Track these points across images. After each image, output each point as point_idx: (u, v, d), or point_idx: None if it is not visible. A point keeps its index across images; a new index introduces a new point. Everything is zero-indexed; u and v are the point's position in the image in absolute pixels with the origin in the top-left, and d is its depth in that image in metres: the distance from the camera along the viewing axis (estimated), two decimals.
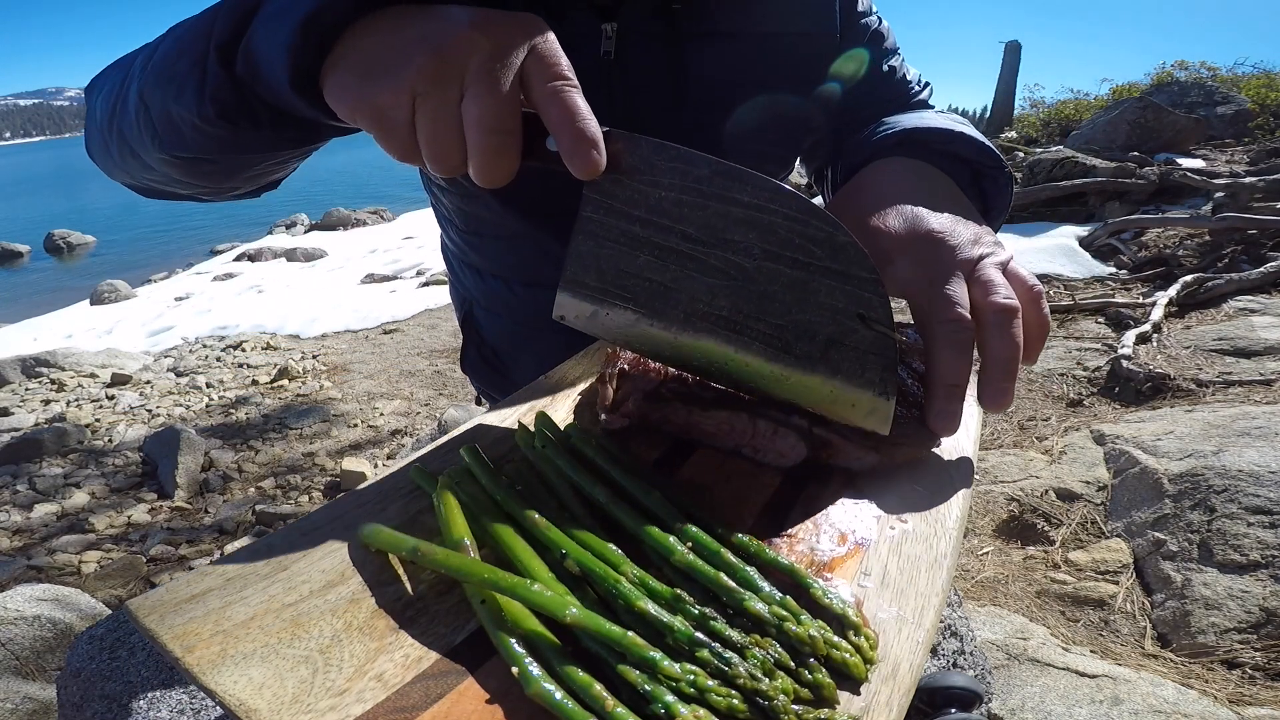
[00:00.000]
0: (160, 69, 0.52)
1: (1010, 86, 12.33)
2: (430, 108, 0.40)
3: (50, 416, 3.65)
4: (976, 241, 0.51)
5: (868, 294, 0.44)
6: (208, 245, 10.13)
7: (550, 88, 0.41)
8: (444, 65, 0.40)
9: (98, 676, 0.94)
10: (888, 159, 0.62)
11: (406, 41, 0.41)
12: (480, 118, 0.40)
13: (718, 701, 0.30)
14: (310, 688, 0.31)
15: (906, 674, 0.33)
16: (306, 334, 5.04)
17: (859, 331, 0.44)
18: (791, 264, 0.44)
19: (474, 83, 0.40)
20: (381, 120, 0.42)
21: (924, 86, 0.84)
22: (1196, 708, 1.37)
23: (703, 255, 0.45)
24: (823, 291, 0.44)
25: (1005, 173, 0.64)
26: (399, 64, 0.40)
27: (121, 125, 0.57)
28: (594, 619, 0.32)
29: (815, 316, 0.45)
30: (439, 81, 0.40)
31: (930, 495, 0.46)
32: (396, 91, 0.40)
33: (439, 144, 0.41)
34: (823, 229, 0.43)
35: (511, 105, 0.40)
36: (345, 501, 0.44)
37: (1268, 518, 1.74)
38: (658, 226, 0.45)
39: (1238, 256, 3.91)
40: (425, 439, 3.08)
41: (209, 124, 0.49)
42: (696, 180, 0.44)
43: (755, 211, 0.44)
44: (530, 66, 0.41)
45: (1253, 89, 7.63)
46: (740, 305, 0.45)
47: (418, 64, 0.40)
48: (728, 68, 0.72)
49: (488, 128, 0.40)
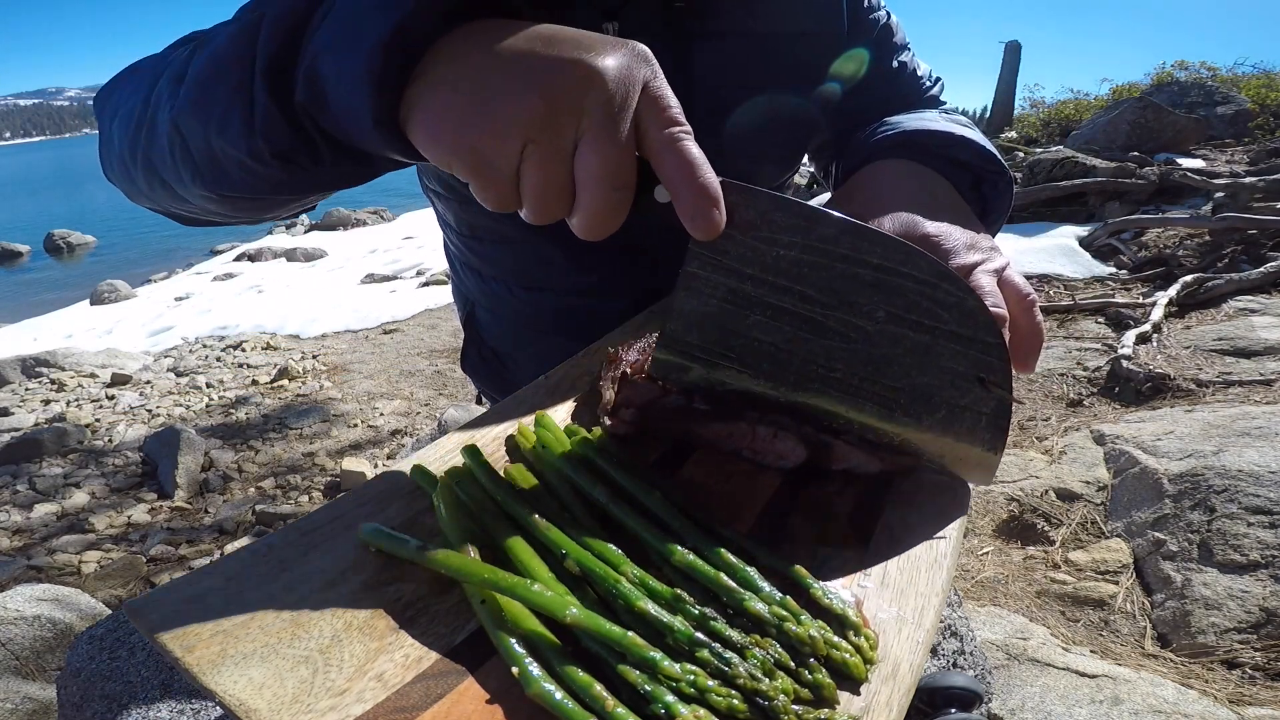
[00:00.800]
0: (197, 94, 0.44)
1: (1010, 86, 12.33)
2: (541, 157, 0.35)
3: (50, 416, 3.65)
4: (972, 246, 0.51)
5: (991, 358, 0.43)
6: (208, 245, 10.13)
7: (667, 135, 0.36)
8: (559, 107, 0.34)
9: (98, 676, 0.94)
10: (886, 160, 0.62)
11: (512, 73, 0.35)
12: (598, 173, 0.35)
13: (718, 702, 0.30)
14: (310, 688, 0.31)
15: (906, 674, 0.33)
16: (306, 334, 5.04)
17: (976, 393, 0.44)
18: (916, 328, 0.43)
19: (591, 130, 0.34)
20: (483, 168, 0.35)
21: (935, 82, 0.82)
22: (1196, 708, 1.37)
23: (821, 317, 0.43)
24: (946, 355, 0.43)
25: (1005, 178, 0.63)
26: (505, 102, 0.34)
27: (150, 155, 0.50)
28: (594, 619, 0.32)
29: (934, 380, 0.44)
30: (553, 127, 0.34)
31: (930, 494, 0.46)
32: (503, 137, 0.34)
33: (548, 198, 0.36)
34: (953, 294, 0.42)
35: (630, 157, 0.36)
36: (345, 501, 0.44)
37: (1268, 518, 1.74)
38: (773, 286, 0.43)
39: (1238, 256, 3.90)
40: (425, 439, 3.08)
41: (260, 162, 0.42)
42: (821, 239, 0.42)
43: (884, 274, 0.42)
44: (644, 109, 0.36)
45: (1253, 89, 7.62)
46: (857, 368, 0.44)
47: (529, 104, 0.34)
48: (733, 67, 0.71)
49: (607, 184, 0.35)
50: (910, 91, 0.80)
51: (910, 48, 0.81)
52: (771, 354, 0.44)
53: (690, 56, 0.69)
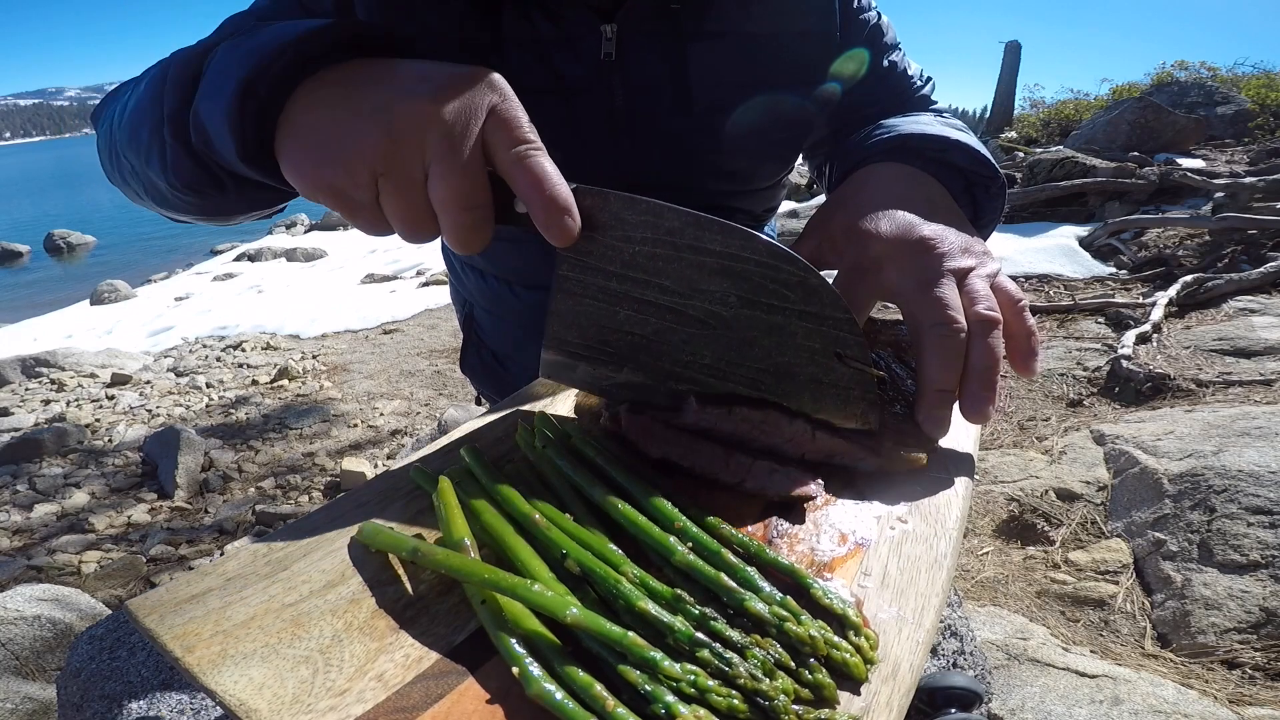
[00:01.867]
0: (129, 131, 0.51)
1: (1010, 86, 12.33)
2: (394, 188, 0.38)
3: (50, 416, 3.65)
4: (966, 250, 0.51)
5: (843, 333, 0.44)
6: (208, 245, 10.13)
7: (514, 154, 0.39)
8: (400, 145, 0.37)
9: (98, 676, 0.94)
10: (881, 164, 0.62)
11: (356, 117, 0.38)
12: (447, 198, 0.38)
13: (718, 702, 0.30)
14: (310, 688, 0.31)
15: (906, 674, 0.33)
16: (306, 334, 5.04)
17: (838, 370, 0.45)
18: (768, 309, 0.44)
19: (436, 161, 0.38)
20: (344, 202, 0.40)
21: (926, 82, 0.83)
22: (1196, 708, 1.37)
23: (681, 306, 0.45)
24: (800, 334, 0.45)
25: (999, 182, 0.64)
26: (351, 144, 0.38)
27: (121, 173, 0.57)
28: (594, 619, 0.32)
29: (795, 359, 0.45)
30: (398, 161, 0.38)
31: (930, 495, 0.46)
32: (354, 173, 0.38)
33: (409, 224, 0.40)
34: (795, 273, 0.43)
35: (477, 179, 0.39)
36: (345, 501, 0.44)
37: (1268, 518, 1.74)
38: (634, 281, 0.45)
39: (1238, 256, 3.90)
40: (425, 439, 3.07)
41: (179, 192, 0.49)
42: (668, 232, 0.44)
43: (728, 260, 0.44)
44: (491, 132, 0.39)
45: (1253, 89, 7.62)
46: (723, 353, 0.46)
47: (370, 144, 0.37)
48: (730, 68, 0.71)
49: (457, 207, 0.38)
50: (901, 91, 0.81)
51: (901, 47, 0.82)
52: (645, 346, 0.47)
53: (686, 57, 0.70)
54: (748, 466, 0.45)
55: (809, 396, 0.46)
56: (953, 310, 0.47)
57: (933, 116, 0.74)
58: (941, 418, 0.47)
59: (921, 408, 0.47)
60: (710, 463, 0.46)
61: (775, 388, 0.46)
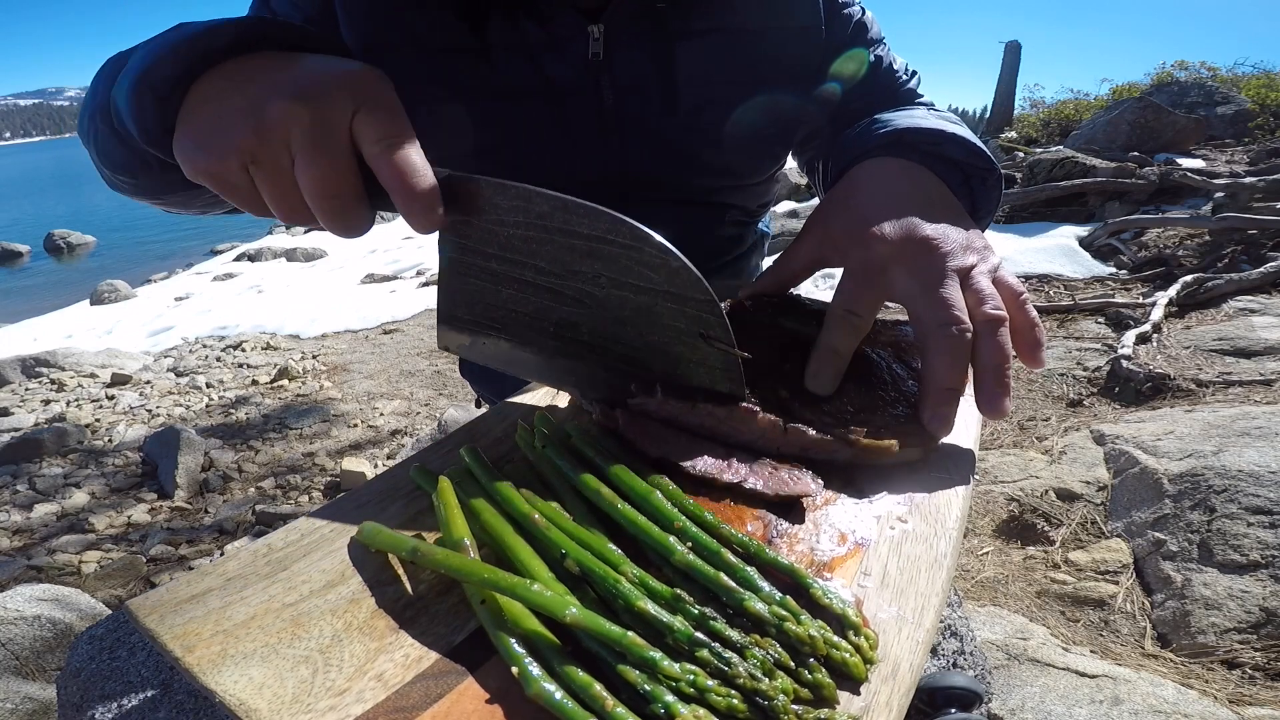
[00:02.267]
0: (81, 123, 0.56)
1: (1010, 86, 12.33)
2: (264, 176, 0.42)
3: (50, 416, 3.65)
4: (968, 248, 0.51)
5: (706, 315, 0.45)
6: (208, 245, 10.13)
7: (376, 149, 0.41)
8: (266, 137, 0.41)
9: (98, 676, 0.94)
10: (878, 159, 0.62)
11: (232, 112, 0.42)
12: (311, 186, 0.41)
13: (717, 701, 0.30)
14: (310, 687, 0.31)
15: (906, 674, 0.33)
16: (306, 334, 5.04)
17: (704, 349, 0.46)
18: (635, 290, 0.45)
19: (299, 152, 0.41)
20: (223, 186, 0.44)
21: (911, 75, 0.83)
22: (1196, 708, 1.37)
23: (558, 286, 0.47)
24: (667, 314, 0.46)
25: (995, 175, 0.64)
26: (224, 136, 0.42)
27: None
28: (594, 619, 0.32)
29: (664, 337, 0.46)
30: (266, 152, 0.41)
31: (930, 495, 0.46)
32: (225, 161, 0.42)
33: (283, 207, 0.43)
34: (657, 256, 0.44)
35: (340, 169, 0.41)
36: (345, 501, 0.44)
37: (1268, 518, 1.74)
38: (513, 262, 0.47)
39: (1238, 256, 3.90)
40: (425, 439, 3.07)
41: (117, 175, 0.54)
42: (538, 216, 0.45)
43: (595, 243, 0.45)
44: (359, 125, 0.42)
45: (1253, 89, 7.62)
46: (599, 330, 0.47)
47: (240, 137, 0.41)
48: (716, 65, 0.72)
49: (319, 194, 0.41)
50: (887, 85, 0.80)
51: (885, 42, 0.82)
52: (529, 323, 0.49)
53: (674, 55, 0.71)
54: (748, 466, 0.45)
55: (680, 374, 0.47)
56: (958, 310, 0.47)
57: (926, 110, 0.74)
58: (947, 416, 0.47)
59: (927, 406, 0.47)
60: (709, 462, 0.46)
61: (651, 365, 0.47)
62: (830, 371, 0.50)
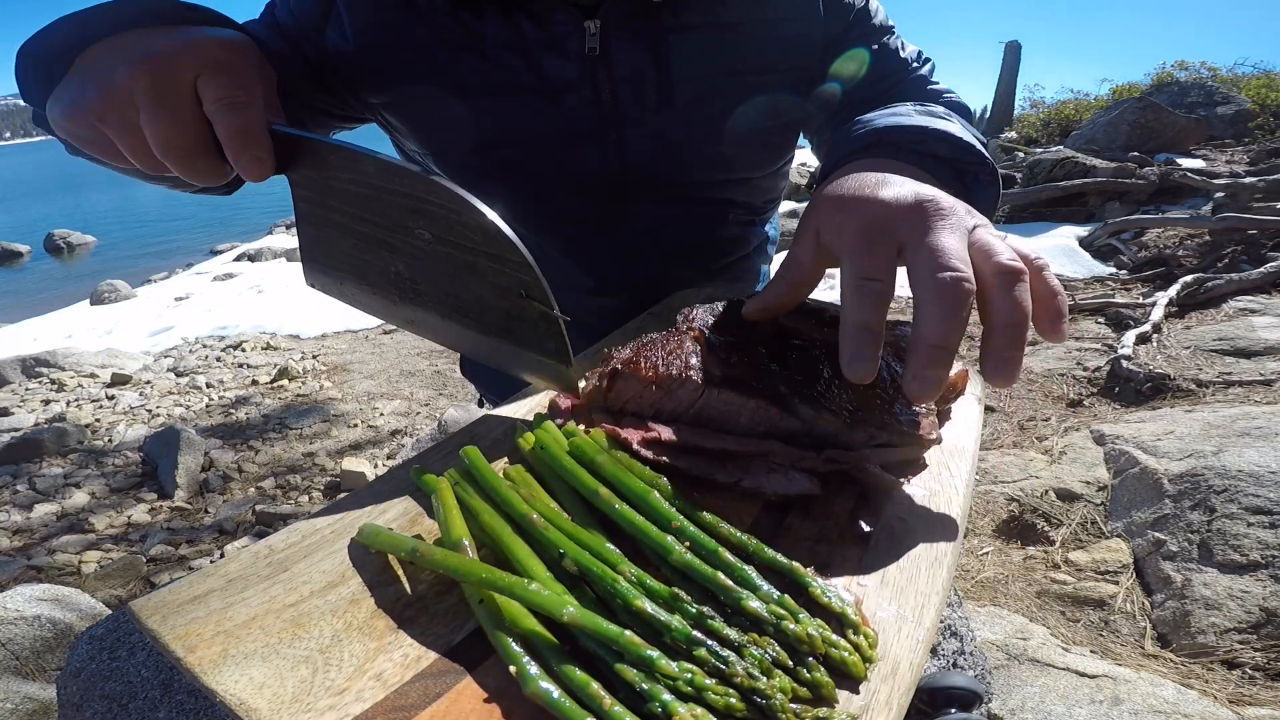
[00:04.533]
0: None
1: (1010, 86, 12.33)
2: (113, 132, 0.47)
3: (50, 416, 3.65)
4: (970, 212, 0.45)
5: (524, 276, 0.47)
6: (208, 245, 10.12)
7: (212, 108, 0.46)
8: (111, 98, 0.46)
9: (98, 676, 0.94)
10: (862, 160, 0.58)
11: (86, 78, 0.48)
12: (153, 139, 0.46)
13: (715, 700, 0.30)
14: (310, 687, 0.31)
15: (906, 673, 0.33)
16: (306, 334, 5.04)
17: (524, 305, 0.49)
18: (457, 248, 0.48)
19: (141, 109, 0.45)
20: (83, 141, 0.49)
21: (924, 62, 0.79)
22: (1196, 708, 1.37)
23: (390, 239, 0.50)
24: (489, 273, 0.48)
25: (988, 169, 0.60)
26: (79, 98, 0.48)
27: None
28: (591, 618, 0.32)
29: (488, 293, 0.49)
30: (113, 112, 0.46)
31: (930, 494, 0.46)
32: (78, 120, 0.48)
33: (137, 157, 0.48)
34: (473, 217, 0.46)
35: (179, 125, 0.46)
36: (345, 502, 0.44)
37: (1268, 518, 1.74)
38: (350, 214, 0.51)
39: (1238, 256, 3.91)
40: (425, 439, 3.07)
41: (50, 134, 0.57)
42: (365, 175, 0.48)
43: (417, 202, 0.47)
44: (201, 88, 0.46)
45: (1253, 89, 7.62)
46: (432, 282, 0.51)
47: (89, 98, 0.47)
48: (714, 58, 0.72)
49: (162, 146, 0.46)
50: (894, 73, 0.77)
51: (894, 30, 0.79)
52: (377, 270, 0.52)
53: (669, 49, 0.71)
54: (744, 466, 0.45)
55: (509, 329, 0.51)
56: (954, 258, 0.40)
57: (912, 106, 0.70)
58: (930, 378, 0.38)
59: (911, 365, 0.39)
60: (707, 462, 0.46)
61: (479, 317, 0.51)
62: (868, 351, 0.40)
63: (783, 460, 0.45)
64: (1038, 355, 3.21)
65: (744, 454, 0.46)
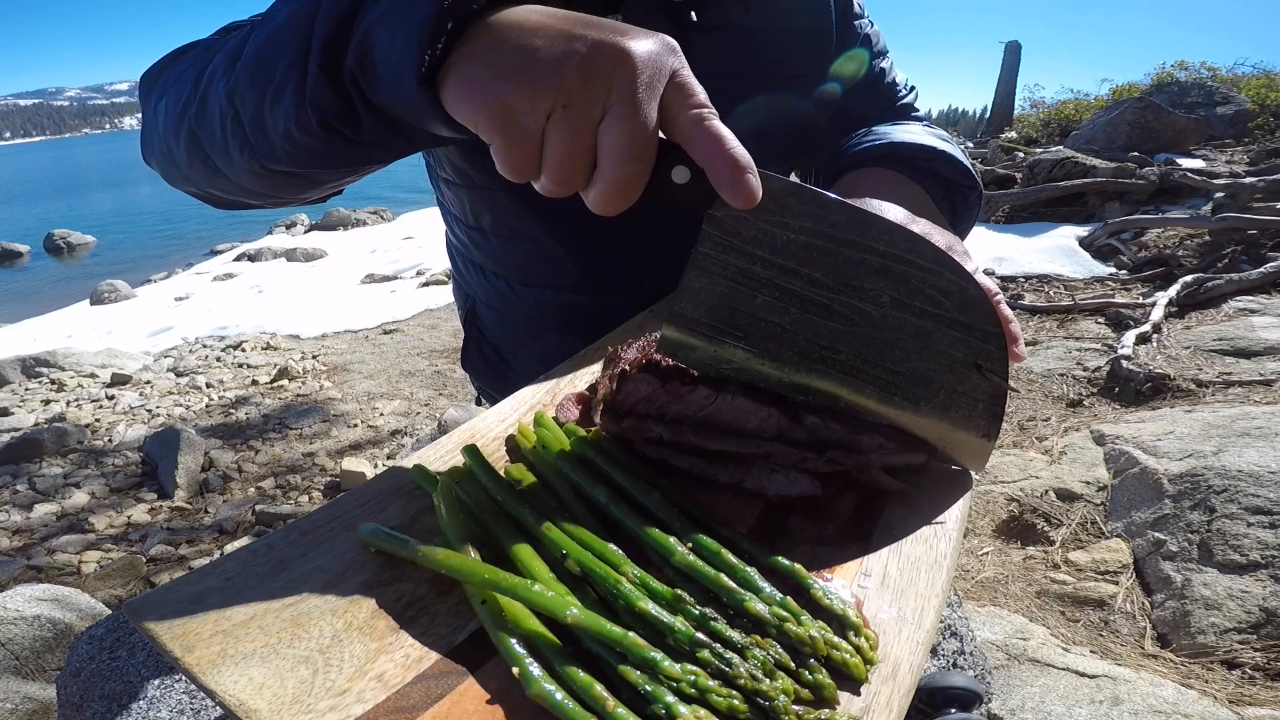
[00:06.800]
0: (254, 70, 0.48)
1: (1010, 86, 12.34)
2: (569, 124, 0.37)
3: (50, 416, 3.65)
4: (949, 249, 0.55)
5: (990, 347, 0.45)
6: (208, 245, 10.13)
7: (696, 114, 0.38)
8: (592, 79, 0.36)
9: (98, 676, 0.94)
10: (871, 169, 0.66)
11: (554, 44, 0.37)
12: (620, 145, 0.37)
13: (718, 702, 0.30)
14: (310, 688, 0.31)
15: (906, 674, 0.33)
16: (306, 334, 5.04)
17: (973, 380, 0.45)
18: (919, 314, 0.44)
19: (619, 104, 0.36)
20: (509, 125, 0.37)
21: (910, 90, 0.87)
22: (1196, 708, 1.37)
23: (828, 300, 0.44)
24: (945, 341, 0.45)
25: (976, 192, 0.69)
26: (544, 67, 0.36)
27: (197, 130, 0.53)
28: (595, 619, 0.32)
29: (933, 365, 0.45)
30: (584, 96, 0.36)
31: (931, 496, 0.46)
32: (535, 97, 0.36)
33: (569, 165, 0.37)
34: (955, 282, 0.44)
35: (653, 134, 0.38)
36: (345, 501, 0.44)
37: (1268, 518, 1.74)
38: (782, 268, 0.44)
39: (1238, 257, 3.91)
40: (425, 439, 3.07)
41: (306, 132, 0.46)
42: (831, 225, 0.43)
43: (890, 260, 0.44)
44: (671, 93, 0.38)
45: (1253, 89, 7.62)
46: (860, 351, 0.45)
47: (565, 72, 0.36)
48: (731, 61, 0.74)
49: (627, 156, 0.37)
50: (886, 97, 0.85)
51: (889, 55, 0.86)
52: (777, 334, 0.46)
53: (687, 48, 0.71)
54: (746, 467, 0.45)
55: (938, 403, 0.46)
56: None
57: (921, 126, 0.79)
58: None
59: None
60: (708, 463, 0.46)
61: (907, 391, 0.46)
62: None
63: (784, 461, 0.45)
64: (1038, 355, 3.21)
65: (746, 455, 0.46)
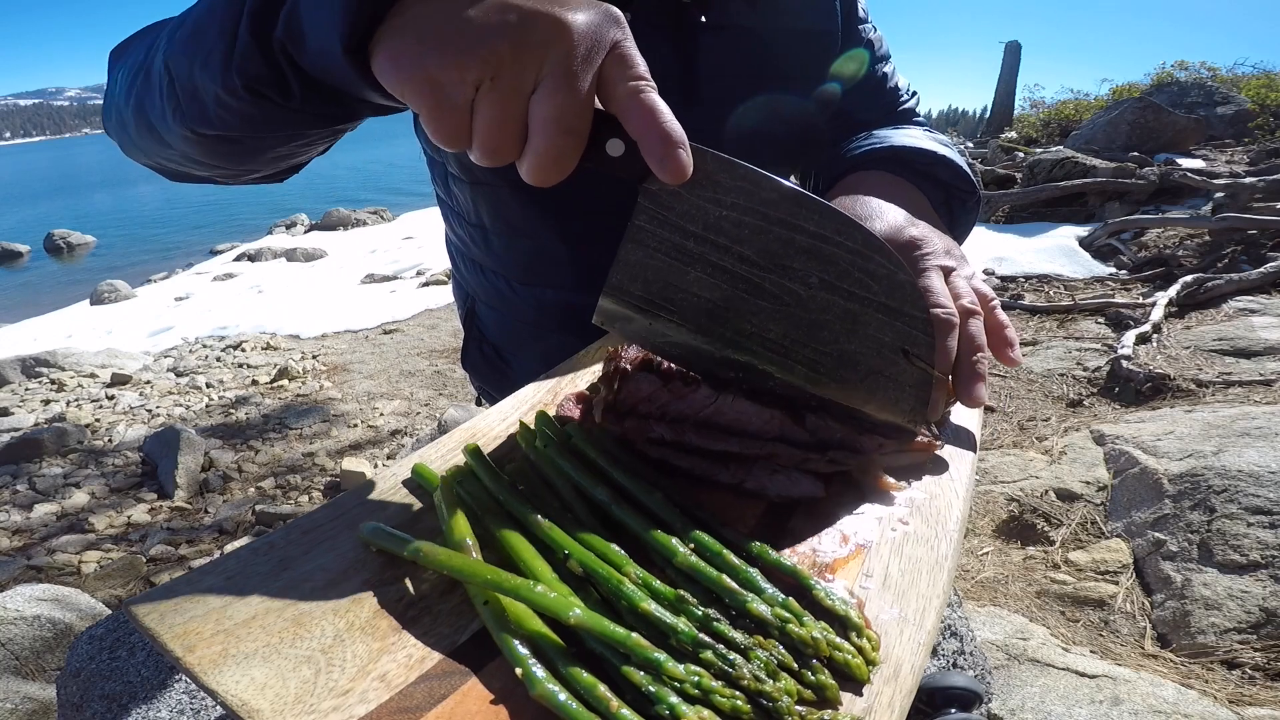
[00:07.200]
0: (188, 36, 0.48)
1: (1010, 86, 12.35)
2: (498, 95, 0.36)
3: (50, 416, 3.65)
4: (948, 253, 0.56)
5: (916, 332, 0.45)
6: (208, 245, 10.12)
7: (632, 87, 0.37)
8: (523, 49, 0.35)
9: (98, 676, 0.94)
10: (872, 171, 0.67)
11: (486, 14, 0.36)
12: (551, 116, 0.36)
13: (722, 703, 0.30)
14: (313, 688, 0.31)
15: (908, 675, 0.33)
16: (306, 334, 5.04)
17: (901, 365, 0.46)
18: (847, 296, 0.45)
19: (552, 75, 0.36)
20: (437, 97, 0.36)
21: (912, 95, 0.88)
22: (1196, 708, 1.37)
23: (758, 279, 0.44)
24: (873, 325, 0.45)
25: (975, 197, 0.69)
26: (473, 39, 0.35)
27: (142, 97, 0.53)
28: (598, 620, 0.32)
29: (861, 348, 0.46)
30: (514, 67, 0.35)
31: (931, 497, 0.46)
32: (462, 68, 0.35)
33: (499, 136, 0.36)
34: (884, 266, 0.44)
35: (587, 106, 0.37)
36: (346, 500, 0.44)
37: (1268, 518, 1.74)
38: (714, 245, 0.44)
39: (1238, 256, 3.91)
40: (425, 439, 3.07)
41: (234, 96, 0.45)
42: (763, 203, 0.43)
43: (819, 241, 0.44)
44: (610, 65, 0.37)
45: (1253, 89, 7.62)
46: (790, 331, 0.45)
47: (494, 43, 0.35)
48: (736, 61, 0.74)
49: (558, 128, 0.36)
50: (888, 102, 0.85)
51: (890, 60, 0.87)
52: (710, 310, 0.45)
53: (695, 48, 0.73)
54: (748, 467, 0.45)
55: (865, 387, 0.46)
56: (942, 296, 0.50)
57: (922, 131, 0.79)
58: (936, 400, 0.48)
59: None
60: (710, 463, 0.46)
61: (833, 373, 0.46)
62: None
63: (786, 462, 0.45)
64: (1038, 355, 3.21)
65: (748, 455, 0.46)
